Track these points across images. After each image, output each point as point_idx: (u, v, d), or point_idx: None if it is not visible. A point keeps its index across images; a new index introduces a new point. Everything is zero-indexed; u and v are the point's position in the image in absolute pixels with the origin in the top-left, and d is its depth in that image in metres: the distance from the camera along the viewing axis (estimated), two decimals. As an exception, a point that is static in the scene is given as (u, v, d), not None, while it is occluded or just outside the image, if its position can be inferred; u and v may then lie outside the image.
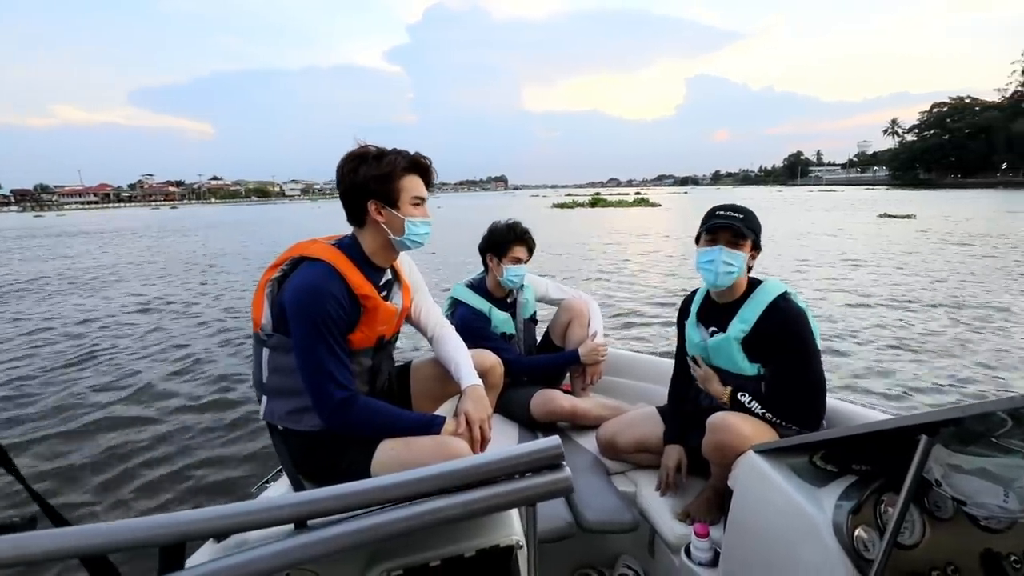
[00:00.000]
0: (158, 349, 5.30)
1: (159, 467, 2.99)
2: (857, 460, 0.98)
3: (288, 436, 1.36)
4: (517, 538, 0.79)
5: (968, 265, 9.15)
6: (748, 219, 1.45)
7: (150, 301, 7.76)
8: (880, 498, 0.91)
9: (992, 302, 6.47)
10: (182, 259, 13.19)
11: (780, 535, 1.02)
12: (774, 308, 1.41)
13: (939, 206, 26.94)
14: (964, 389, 3.93)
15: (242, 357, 4.96)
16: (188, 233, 23.44)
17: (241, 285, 8.94)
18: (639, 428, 1.71)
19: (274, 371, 1.32)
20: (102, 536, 0.54)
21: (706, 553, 1.29)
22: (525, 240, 2.08)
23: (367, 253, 1.36)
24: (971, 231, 14.73)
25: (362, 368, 1.38)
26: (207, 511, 0.59)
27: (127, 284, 9.42)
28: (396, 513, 0.63)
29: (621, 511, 1.49)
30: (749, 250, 1.45)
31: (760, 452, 1.09)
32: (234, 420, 3.58)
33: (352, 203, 1.32)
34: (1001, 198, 36.23)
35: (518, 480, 0.67)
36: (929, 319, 5.81)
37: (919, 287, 7.49)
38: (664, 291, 7.67)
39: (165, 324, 6.36)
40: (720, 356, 1.50)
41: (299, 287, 1.24)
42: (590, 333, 2.14)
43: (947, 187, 69.91)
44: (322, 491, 0.62)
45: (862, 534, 0.88)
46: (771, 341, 1.41)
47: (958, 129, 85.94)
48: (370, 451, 1.30)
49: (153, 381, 4.36)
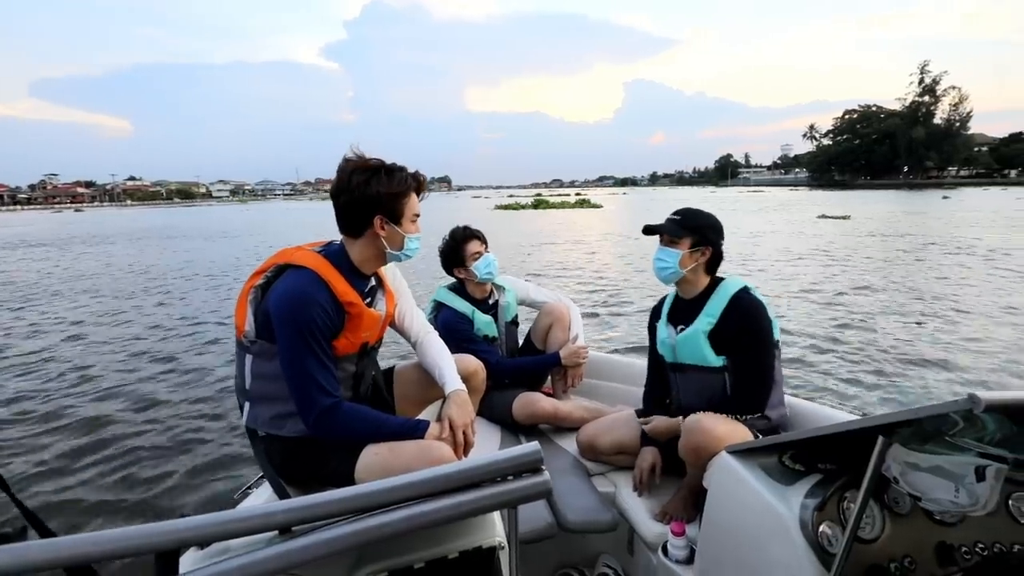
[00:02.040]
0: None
1: (139, 475, 2.96)
2: (822, 459, 1.02)
3: (271, 442, 1.35)
4: (499, 539, 0.83)
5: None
6: (685, 220, 1.56)
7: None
8: (843, 495, 0.94)
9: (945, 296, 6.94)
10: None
11: (751, 532, 1.05)
12: (737, 301, 1.51)
13: (866, 207, 28.62)
14: (923, 384, 4.13)
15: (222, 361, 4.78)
16: (66, 247, 17.92)
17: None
18: (618, 430, 1.76)
19: (257, 377, 1.32)
20: (96, 545, 0.54)
21: (682, 551, 1.32)
22: (469, 236, 2.11)
23: (355, 262, 1.37)
24: (901, 230, 15.94)
25: (346, 374, 1.39)
26: (199, 519, 0.59)
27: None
28: (381, 518, 0.64)
29: (601, 511, 1.53)
30: (688, 248, 1.54)
31: (733, 452, 1.12)
32: (212, 427, 3.52)
33: (355, 214, 1.32)
34: (906, 198, 40.06)
35: (499, 484, 0.69)
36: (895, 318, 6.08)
37: (864, 281, 7.90)
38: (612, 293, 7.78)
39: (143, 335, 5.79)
40: (687, 351, 1.57)
41: (285, 294, 1.25)
42: (571, 336, 2.17)
43: (859, 187, 76.22)
44: (308, 498, 0.63)
45: (826, 529, 0.91)
46: (735, 332, 1.50)
47: (867, 134, 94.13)
48: (354, 456, 1.30)
49: (123, 388, 4.26)
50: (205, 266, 11.72)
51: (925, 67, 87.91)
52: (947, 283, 7.95)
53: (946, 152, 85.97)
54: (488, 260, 2.10)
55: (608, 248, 13.77)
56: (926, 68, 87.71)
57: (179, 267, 11.70)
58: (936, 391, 4.03)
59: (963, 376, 4.33)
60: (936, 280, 8.22)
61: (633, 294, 7.65)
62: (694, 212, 1.59)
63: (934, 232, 15.24)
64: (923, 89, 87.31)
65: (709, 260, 1.57)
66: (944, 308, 6.45)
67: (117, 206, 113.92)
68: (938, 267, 9.36)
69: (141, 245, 17.85)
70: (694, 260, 1.55)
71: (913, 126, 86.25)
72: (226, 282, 9.48)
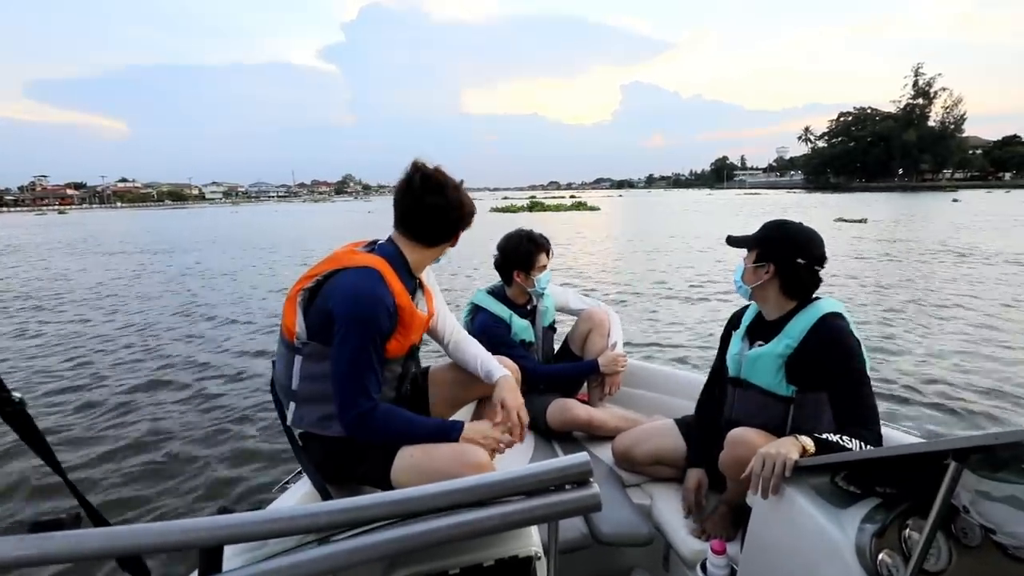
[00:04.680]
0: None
1: (177, 469, 3.06)
2: (881, 482, 0.96)
3: (311, 441, 1.36)
4: (536, 549, 0.80)
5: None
6: (760, 231, 1.46)
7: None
8: (905, 522, 0.89)
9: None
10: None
11: (800, 555, 1.00)
12: (820, 326, 1.34)
13: (875, 210, 27.82)
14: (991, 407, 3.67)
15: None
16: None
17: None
18: (655, 440, 1.70)
19: (306, 378, 1.32)
20: (148, 536, 0.55)
21: (723, 570, 1.25)
22: (546, 247, 2.09)
23: (411, 263, 1.38)
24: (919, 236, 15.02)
25: (393, 375, 1.39)
26: (248, 516, 0.59)
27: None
28: (426, 525, 0.63)
29: (637, 524, 1.49)
30: (751, 262, 1.43)
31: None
32: (252, 424, 3.59)
33: (433, 222, 1.35)
34: (912, 200, 39.48)
35: (546, 495, 0.68)
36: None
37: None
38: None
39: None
40: (756, 370, 1.44)
41: (352, 293, 1.24)
42: (610, 343, 2.13)
43: (855, 190, 76.04)
44: (352, 500, 0.63)
45: (886, 559, 0.86)
46: (817, 363, 1.33)
47: (861, 137, 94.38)
48: (390, 457, 1.30)
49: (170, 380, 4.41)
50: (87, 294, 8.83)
51: (919, 69, 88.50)
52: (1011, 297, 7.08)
53: (940, 154, 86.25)
54: (548, 276, 2.10)
55: (611, 249, 13.37)
56: (920, 71, 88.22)
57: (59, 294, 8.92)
58: (1004, 418, 3.59)
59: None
60: (1001, 292, 7.35)
61: (648, 303, 7.29)
62: (773, 223, 1.45)
63: (968, 239, 14.05)
64: (917, 91, 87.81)
65: (783, 281, 1.40)
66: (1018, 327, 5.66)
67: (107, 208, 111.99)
68: (1006, 280, 8.31)
69: (81, 258, 14.58)
70: (758, 277, 1.42)
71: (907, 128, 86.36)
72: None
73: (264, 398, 3.99)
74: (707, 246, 13.71)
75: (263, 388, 4.17)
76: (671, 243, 14.86)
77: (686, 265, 10.58)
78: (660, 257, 12.00)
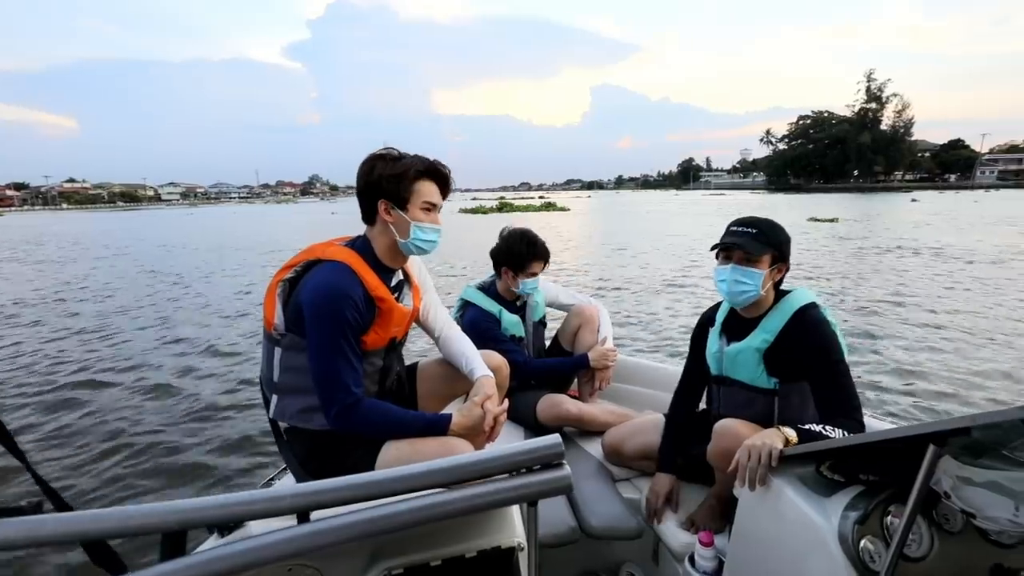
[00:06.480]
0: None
1: (160, 458, 3.07)
2: (864, 470, 0.97)
3: (295, 435, 1.36)
4: (518, 539, 0.80)
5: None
6: (764, 233, 1.37)
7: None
8: (887, 509, 0.89)
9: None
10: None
11: (786, 544, 1.01)
12: (799, 317, 1.35)
13: (841, 209, 28.42)
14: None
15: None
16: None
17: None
18: (645, 435, 1.70)
19: (286, 370, 1.32)
20: (108, 521, 0.55)
21: (710, 562, 1.26)
22: (543, 257, 2.06)
23: (378, 254, 1.37)
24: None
25: (373, 368, 1.39)
26: (209, 499, 0.59)
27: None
28: (397, 507, 0.63)
29: (626, 518, 1.50)
30: (767, 266, 1.36)
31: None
32: (236, 418, 3.58)
33: (365, 201, 1.34)
34: (874, 200, 41.14)
35: (519, 477, 0.67)
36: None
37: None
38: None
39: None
40: (737, 366, 1.44)
41: (319, 287, 1.24)
42: (600, 338, 2.13)
43: (814, 191, 78.63)
44: (323, 483, 0.62)
45: (868, 545, 0.87)
46: (792, 353, 1.34)
47: (819, 139, 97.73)
48: (375, 451, 1.30)
49: (157, 373, 4.40)
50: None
51: (871, 75, 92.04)
52: (995, 288, 7.47)
53: (893, 157, 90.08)
54: (535, 282, 2.08)
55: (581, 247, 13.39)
56: (872, 76, 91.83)
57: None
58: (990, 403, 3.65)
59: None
60: (981, 285, 7.70)
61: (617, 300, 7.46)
62: (769, 223, 1.40)
63: (934, 236, 14.55)
64: (869, 96, 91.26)
65: (782, 278, 1.43)
66: (1000, 315, 5.98)
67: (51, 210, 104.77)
68: (987, 275, 8.56)
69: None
70: (772, 279, 1.39)
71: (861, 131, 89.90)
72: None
73: (249, 394, 4.01)
74: (682, 245, 13.83)
75: (250, 384, 4.19)
76: (639, 241, 14.97)
77: (657, 262, 10.74)
78: (628, 255, 12.06)
